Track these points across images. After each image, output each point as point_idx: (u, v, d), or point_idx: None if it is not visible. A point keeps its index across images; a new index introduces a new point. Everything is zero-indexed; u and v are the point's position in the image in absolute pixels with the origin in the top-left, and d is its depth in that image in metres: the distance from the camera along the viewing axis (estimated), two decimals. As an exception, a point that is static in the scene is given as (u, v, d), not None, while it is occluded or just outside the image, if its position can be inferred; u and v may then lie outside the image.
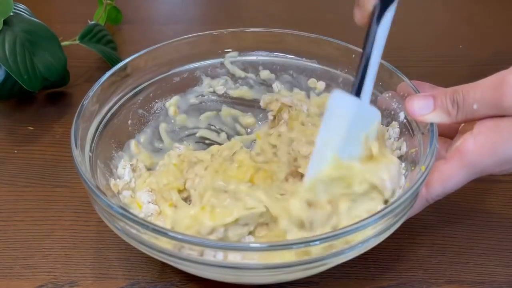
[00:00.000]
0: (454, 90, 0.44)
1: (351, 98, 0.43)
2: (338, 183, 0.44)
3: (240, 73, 0.59)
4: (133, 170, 0.52)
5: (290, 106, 0.57)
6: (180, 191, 0.51)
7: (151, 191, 0.51)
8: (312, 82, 0.57)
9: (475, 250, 0.50)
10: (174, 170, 0.53)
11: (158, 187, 0.51)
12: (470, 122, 0.44)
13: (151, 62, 0.55)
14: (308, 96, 0.58)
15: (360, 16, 0.42)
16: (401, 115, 0.50)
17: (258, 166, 0.50)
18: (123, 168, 0.51)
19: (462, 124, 0.46)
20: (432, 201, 0.45)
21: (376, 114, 0.45)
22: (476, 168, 0.43)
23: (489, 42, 0.79)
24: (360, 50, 0.51)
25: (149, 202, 0.50)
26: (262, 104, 0.59)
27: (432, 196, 0.44)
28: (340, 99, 0.43)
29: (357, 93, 0.43)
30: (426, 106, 0.45)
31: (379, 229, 0.40)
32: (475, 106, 0.43)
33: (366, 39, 0.42)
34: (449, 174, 0.43)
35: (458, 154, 0.43)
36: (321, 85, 0.57)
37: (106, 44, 0.72)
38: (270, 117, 0.58)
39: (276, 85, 0.58)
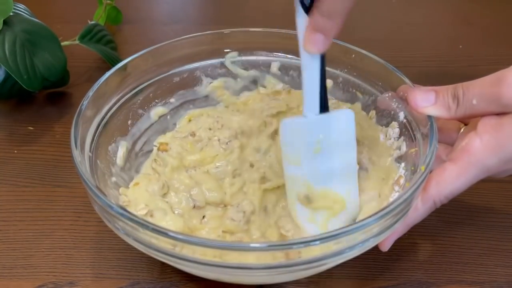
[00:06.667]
0: (455, 86, 0.45)
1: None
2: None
3: (240, 72, 0.59)
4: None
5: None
6: None
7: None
8: None
9: (475, 250, 0.50)
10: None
11: None
12: (469, 119, 0.45)
13: (151, 62, 0.55)
14: None
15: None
16: (401, 115, 0.50)
17: None
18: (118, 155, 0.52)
19: (462, 129, 0.48)
20: (439, 203, 0.45)
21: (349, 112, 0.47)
22: (484, 167, 0.43)
23: (489, 42, 0.79)
24: (360, 50, 0.52)
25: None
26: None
27: (440, 198, 0.44)
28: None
29: (325, 107, 0.46)
30: (428, 99, 0.46)
31: (379, 229, 0.40)
32: (474, 101, 0.43)
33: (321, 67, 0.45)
34: (457, 174, 0.43)
35: (465, 153, 0.43)
36: (328, 83, 0.57)
37: (106, 44, 0.72)
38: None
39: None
